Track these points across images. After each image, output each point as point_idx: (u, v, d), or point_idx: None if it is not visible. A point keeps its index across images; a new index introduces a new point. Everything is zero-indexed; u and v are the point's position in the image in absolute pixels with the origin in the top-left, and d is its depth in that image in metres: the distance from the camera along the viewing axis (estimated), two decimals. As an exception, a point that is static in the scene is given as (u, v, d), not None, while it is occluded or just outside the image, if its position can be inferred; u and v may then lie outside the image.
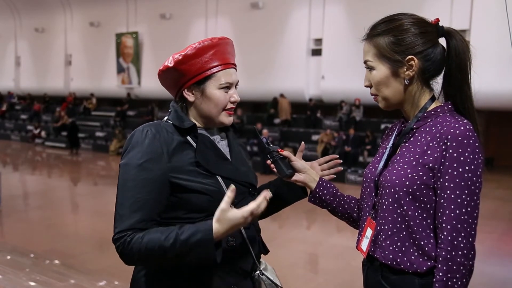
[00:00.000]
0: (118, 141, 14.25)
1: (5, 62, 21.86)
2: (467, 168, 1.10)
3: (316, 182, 1.37)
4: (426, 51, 1.18)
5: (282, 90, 13.06)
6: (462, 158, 1.10)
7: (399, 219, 1.17)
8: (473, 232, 1.11)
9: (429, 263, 1.14)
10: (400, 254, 1.17)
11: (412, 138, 1.22)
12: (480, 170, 1.11)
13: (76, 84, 19.13)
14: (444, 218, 1.11)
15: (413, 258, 1.16)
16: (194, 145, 1.28)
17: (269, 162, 1.35)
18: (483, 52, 8.52)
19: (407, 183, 1.15)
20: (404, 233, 1.17)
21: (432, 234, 1.15)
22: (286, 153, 1.34)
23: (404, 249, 1.17)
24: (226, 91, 1.31)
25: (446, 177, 1.11)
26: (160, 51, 15.79)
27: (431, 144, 1.15)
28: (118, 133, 14.54)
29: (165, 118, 1.34)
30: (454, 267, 1.09)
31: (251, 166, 1.46)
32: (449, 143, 1.11)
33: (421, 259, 1.15)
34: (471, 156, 1.10)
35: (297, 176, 1.35)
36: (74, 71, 19.29)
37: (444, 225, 1.11)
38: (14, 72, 21.60)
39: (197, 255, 1.14)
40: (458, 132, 1.11)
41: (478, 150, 1.11)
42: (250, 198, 1.30)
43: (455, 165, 1.10)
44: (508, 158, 12.18)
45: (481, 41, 9.30)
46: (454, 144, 1.10)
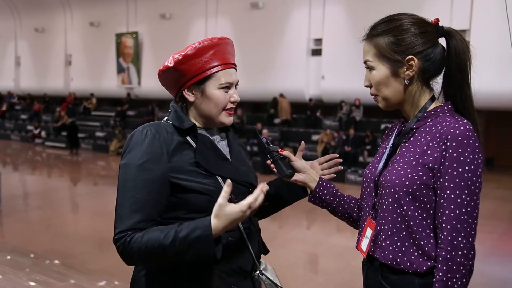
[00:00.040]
0: (118, 141, 14.25)
1: (5, 62, 21.86)
2: (467, 168, 1.10)
3: (316, 182, 1.37)
4: (426, 51, 1.18)
5: (282, 90, 13.06)
6: (462, 158, 1.10)
7: (399, 219, 1.17)
8: (473, 232, 1.11)
9: (429, 263, 1.14)
10: (400, 254, 1.17)
11: (412, 138, 1.22)
12: (480, 170, 1.11)
13: (76, 84, 19.14)
14: (444, 218, 1.11)
15: (413, 258, 1.16)
16: (193, 145, 1.28)
17: (269, 162, 1.35)
18: (483, 52, 8.50)
19: (407, 183, 1.15)
20: (404, 233, 1.17)
21: (432, 234, 1.15)
22: (286, 153, 1.34)
23: (404, 249, 1.17)
24: (226, 91, 1.31)
25: (446, 177, 1.11)
26: (160, 51, 15.79)
27: (431, 144, 1.15)
28: (118, 133, 14.54)
29: (165, 119, 1.34)
30: (454, 267, 1.09)
31: (251, 166, 1.46)
32: (449, 143, 1.11)
33: (421, 259, 1.15)
34: (471, 156, 1.10)
35: (297, 176, 1.35)
36: (74, 71, 19.29)
37: (444, 225, 1.11)
38: (14, 72, 21.60)
39: (196, 252, 1.14)
40: (458, 132, 1.11)
41: (478, 150, 1.11)
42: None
43: (455, 165, 1.10)
44: (508, 158, 12.18)
45: (481, 41, 9.30)
46: (454, 144, 1.10)
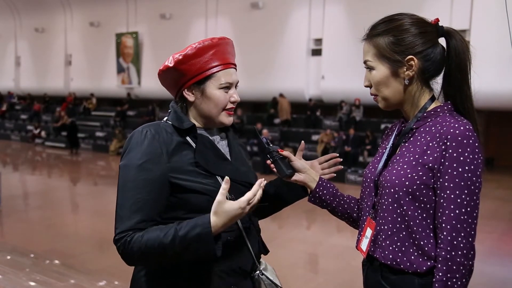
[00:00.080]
0: (118, 141, 14.25)
1: (5, 62, 21.86)
2: (467, 168, 1.10)
3: (316, 182, 1.37)
4: (426, 51, 1.18)
5: (282, 90, 13.06)
6: (462, 158, 1.10)
7: (399, 219, 1.17)
8: (473, 232, 1.11)
9: (429, 263, 1.14)
10: (400, 254, 1.17)
11: (412, 138, 1.22)
12: (480, 170, 1.11)
13: (76, 84, 19.13)
14: (444, 218, 1.11)
15: (413, 258, 1.16)
16: (193, 145, 1.28)
17: (269, 162, 1.35)
18: (483, 52, 8.53)
19: (407, 183, 1.15)
20: (404, 233, 1.17)
21: (432, 234, 1.15)
22: (286, 153, 1.34)
23: (404, 249, 1.17)
24: (226, 91, 1.31)
25: (446, 177, 1.11)
26: (160, 51, 15.79)
27: (431, 144, 1.15)
28: (118, 133, 14.55)
29: (164, 119, 1.35)
30: (454, 267, 1.09)
31: (251, 166, 1.46)
32: (448, 143, 1.11)
33: (420, 259, 1.15)
34: (471, 156, 1.10)
35: (297, 176, 1.35)
36: (74, 71, 19.29)
37: (444, 225, 1.11)
38: (14, 72, 21.60)
39: (196, 250, 1.14)
40: (458, 132, 1.11)
41: (478, 150, 1.11)
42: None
43: (455, 165, 1.10)
44: (508, 158, 12.18)
45: (481, 41, 9.31)
46: (454, 144, 1.10)
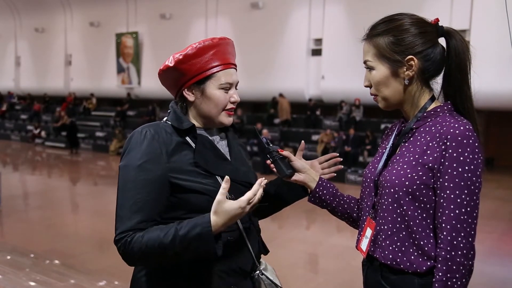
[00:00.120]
0: (118, 141, 14.25)
1: (5, 62, 21.86)
2: (467, 168, 1.10)
3: (316, 182, 1.37)
4: (426, 51, 1.18)
5: (282, 90, 13.06)
6: (461, 158, 1.10)
7: (399, 219, 1.17)
8: (472, 232, 1.11)
9: (428, 263, 1.14)
10: (399, 254, 1.17)
11: (411, 138, 1.22)
12: (480, 170, 1.11)
13: (76, 84, 19.13)
14: (443, 218, 1.11)
15: (412, 258, 1.16)
16: (193, 145, 1.28)
17: (269, 162, 1.35)
18: (483, 52, 8.53)
19: (407, 183, 1.15)
20: (403, 233, 1.17)
21: (432, 234, 1.15)
22: (286, 153, 1.34)
23: (403, 249, 1.17)
24: (226, 91, 1.31)
25: (446, 177, 1.11)
26: (160, 51, 15.79)
27: (431, 144, 1.15)
28: (118, 133, 14.55)
29: (164, 119, 1.35)
30: (454, 267, 1.09)
31: (251, 166, 1.46)
32: (448, 143, 1.11)
33: (420, 259, 1.15)
34: (471, 156, 1.10)
35: (297, 176, 1.35)
36: (74, 71, 19.29)
37: (443, 225, 1.11)
38: (14, 72, 21.60)
39: (197, 249, 1.14)
40: (457, 132, 1.11)
41: (478, 150, 1.11)
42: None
43: (455, 165, 1.10)
44: (508, 158, 12.18)
45: (481, 41, 9.31)
46: (454, 144, 1.10)
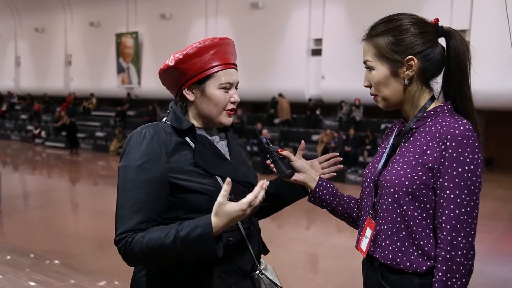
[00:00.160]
0: (118, 141, 14.25)
1: (5, 62, 21.86)
2: (467, 168, 1.10)
3: (316, 181, 1.37)
4: (426, 51, 1.18)
5: (282, 90, 13.06)
6: (461, 158, 1.10)
7: (399, 219, 1.17)
8: (472, 232, 1.11)
9: (428, 263, 1.14)
10: (399, 254, 1.17)
11: (411, 138, 1.22)
12: (479, 170, 1.11)
13: (76, 84, 19.13)
14: (443, 218, 1.11)
15: (412, 258, 1.16)
16: (192, 145, 1.28)
17: (269, 162, 1.35)
18: (483, 52, 8.53)
19: (407, 183, 1.15)
20: (403, 233, 1.17)
21: (431, 234, 1.15)
22: (286, 153, 1.34)
23: (403, 249, 1.17)
24: (226, 91, 1.31)
25: (446, 177, 1.11)
26: (160, 51, 15.79)
27: (431, 144, 1.15)
28: (118, 133, 14.55)
29: (163, 119, 1.35)
30: (454, 267, 1.09)
31: (251, 166, 1.46)
32: (448, 143, 1.11)
33: (420, 259, 1.15)
34: (471, 156, 1.10)
35: (297, 176, 1.35)
36: (74, 71, 19.29)
37: (443, 225, 1.11)
38: (14, 72, 21.60)
39: (197, 250, 1.14)
40: (457, 132, 1.11)
41: (477, 150, 1.11)
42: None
43: (455, 165, 1.10)
44: (508, 158, 12.18)
45: (481, 41, 9.31)
46: (454, 144, 1.10)
